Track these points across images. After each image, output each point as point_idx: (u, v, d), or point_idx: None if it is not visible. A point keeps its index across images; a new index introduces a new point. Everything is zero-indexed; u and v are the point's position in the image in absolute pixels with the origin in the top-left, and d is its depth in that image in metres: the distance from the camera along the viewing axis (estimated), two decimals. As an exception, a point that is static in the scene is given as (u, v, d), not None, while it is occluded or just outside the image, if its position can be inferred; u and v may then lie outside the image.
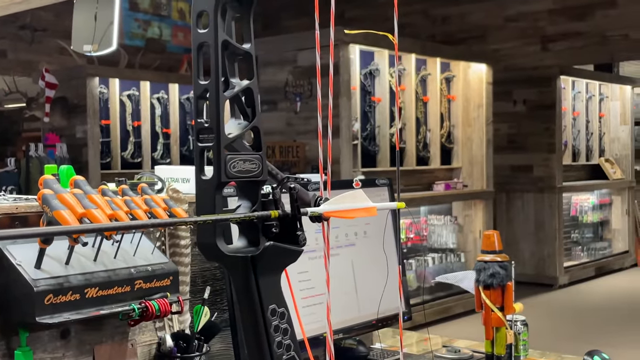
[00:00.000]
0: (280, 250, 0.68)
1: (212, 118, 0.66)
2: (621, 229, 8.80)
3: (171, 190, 1.60)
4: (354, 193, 0.74)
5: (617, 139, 8.98)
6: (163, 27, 8.57)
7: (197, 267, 1.68)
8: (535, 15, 8.08)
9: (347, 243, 1.87)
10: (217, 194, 0.66)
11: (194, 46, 0.67)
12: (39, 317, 1.24)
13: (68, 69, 6.60)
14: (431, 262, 6.35)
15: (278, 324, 0.67)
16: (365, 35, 5.59)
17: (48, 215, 1.25)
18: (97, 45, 5.65)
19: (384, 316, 1.90)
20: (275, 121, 6.07)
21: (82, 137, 6.34)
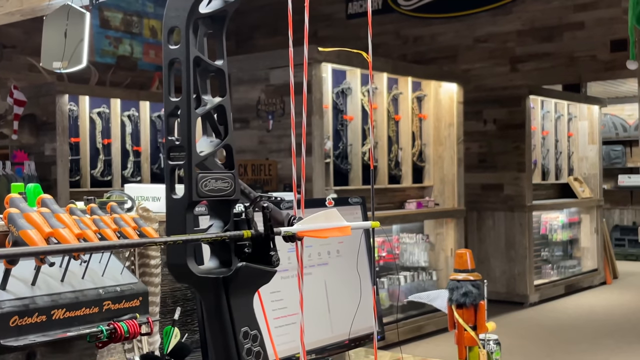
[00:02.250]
0: (253, 271, 0.66)
1: (183, 136, 0.64)
2: (590, 247, 8.90)
3: (141, 209, 1.57)
4: (328, 212, 0.73)
5: (586, 158, 9.11)
6: (134, 45, 8.53)
7: (167, 287, 1.65)
8: (505, 36, 8.20)
9: (320, 262, 1.86)
10: (188, 213, 0.64)
11: (165, 62, 0.66)
12: (4, 340, 1.20)
13: (37, 86, 6.52)
14: (403, 281, 6.35)
15: (250, 347, 0.66)
16: (338, 54, 5.61)
17: (14, 234, 1.22)
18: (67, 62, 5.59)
19: (357, 336, 1.89)
20: (248, 139, 6.05)
21: (51, 155, 6.26)
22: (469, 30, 8.37)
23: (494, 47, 8.25)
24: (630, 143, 11.73)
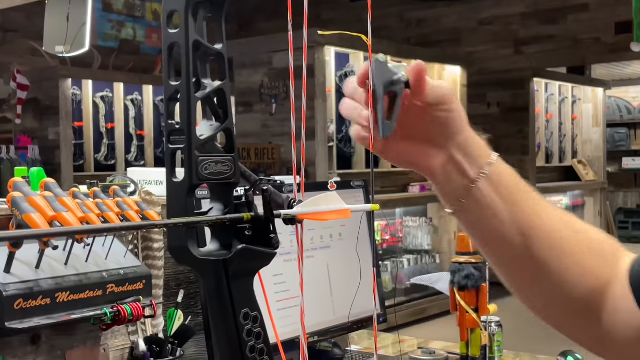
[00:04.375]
0: (253, 253, 0.67)
1: (183, 119, 0.65)
2: (594, 230, 8.89)
3: (144, 192, 1.58)
4: (328, 195, 0.74)
5: (590, 141, 9.08)
6: (137, 29, 8.51)
7: (170, 271, 1.66)
8: (509, 18, 8.15)
9: (322, 245, 1.87)
10: (188, 196, 0.65)
11: (164, 47, 0.66)
12: (9, 322, 1.21)
13: (40, 70, 6.52)
14: (406, 264, 6.37)
15: (251, 328, 0.67)
16: (341, 37, 5.59)
17: (18, 218, 1.23)
18: (70, 46, 5.59)
19: (359, 318, 1.90)
20: (251, 123, 6.05)
21: (54, 139, 6.27)
22: (472, 12, 8.32)
23: (497, 29, 8.20)
24: (635, 125, 11.70)
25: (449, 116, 0.84)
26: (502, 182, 0.86)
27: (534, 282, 0.87)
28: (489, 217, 0.85)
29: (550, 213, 0.86)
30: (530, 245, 0.84)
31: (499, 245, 0.87)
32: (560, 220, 0.87)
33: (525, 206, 0.85)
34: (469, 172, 0.85)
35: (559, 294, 0.86)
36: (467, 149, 0.85)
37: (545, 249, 0.84)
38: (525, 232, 0.84)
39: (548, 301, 0.88)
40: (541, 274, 0.85)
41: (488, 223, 0.85)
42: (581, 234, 0.87)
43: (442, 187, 0.87)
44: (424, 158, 0.86)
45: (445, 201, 0.88)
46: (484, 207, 0.85)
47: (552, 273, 0.85)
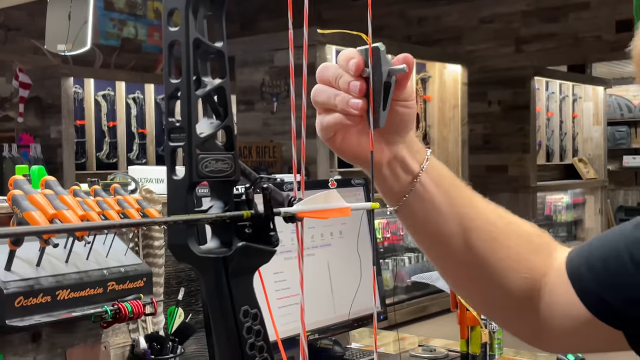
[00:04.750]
0: (252, 250, 0.67)
1: (184, 117, 0.65)
2: (594, 228, 8.89)
3: (144, 190, 1.58)
4: (328, 193, 0.74)
5: (590, 139, 9.08)
6: (139, 27, 8.51)
7: (171, 268, 1.66)
8: (509, 17, 8.15)
9: (323, 243, 1.87)
10: (188, 194, 0.65)
11: (165, 45, 0.66)
12: (9, 320, 1.22)
13: (42, 69, 6.52)
14: (407, 262, 6.36)
15: (251, 325, 0.67)
16: (342, 36, 5.59)
17: (18, 216, 1.23)
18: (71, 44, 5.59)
19: (359, 316, 1.90)
20: (252, 121, 6.05)
21: (56, 138, 6.27)
22: (473, 11, 8.31)
23: (498, 27, 8.20)
24: (635, 124, 11.67)
25: (409, 112, 0.86)
26: (440, 176, 0.88)
27: (473, 276, 0.90)
28: (430, 211, 0.87)
29: (484, 206, 0.90)
30: (468, 237, 0.87)
31: (439, 240, 0.89)
32: (493, 212, 0.90)
33: (461, 198, 0.88)
34: (412, 167, 0.87)
35: (496, 286, 0.88)
36: (410, 144, 0.88)
37: (481, 240, 0.87)
38: (462, 223, 0.87)
39: (487, 295, 0.91)
40: (478, 266, 0.88)
41: (429, 217, 0.88)
42: (513, 225, 0.90)
43: (385, 184, 0.89)
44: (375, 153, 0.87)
45: (388, 198, 0.90)
46: (425, 201, 0.87)
47: (488, 265, 0.87)
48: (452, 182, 0.89)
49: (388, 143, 0.87)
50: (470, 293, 0.94)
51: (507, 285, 0.88)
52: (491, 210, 0.90)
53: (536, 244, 0.90)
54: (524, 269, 0.88)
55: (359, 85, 0.81)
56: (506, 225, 0.89)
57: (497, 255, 0.87)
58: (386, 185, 0.88)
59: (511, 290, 0.88)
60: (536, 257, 0.89)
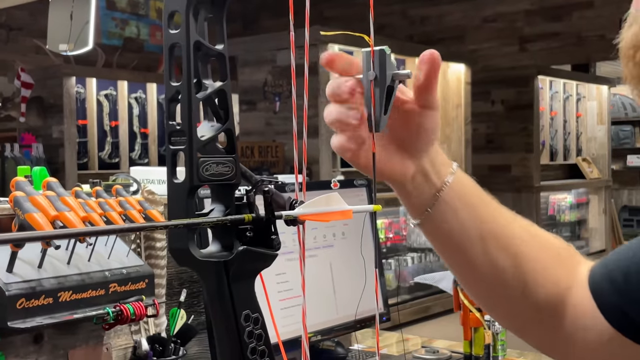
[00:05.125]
0: (254, 254, 0.67)
1: (184, 120, 0.64)
2: (598, 228, 8.88)
3: (146, 191, 1.58)
4: (330, 196, 0.73)
5: (594, 139, 9.06)
6: (141, 27, 8.50)
7: (173, 270, 1.66)
8: (513, 15, 8.13)
9: (325, 244, 1.86)
10: (189, 197, 0.64)
11: (165, 47, 0.66)
12: (11, 322, 1.21)
13: (44, 69, 6.52)
14: (410, 262, 6.36)
15: (252, 329, 0.66)
16: (344, 35, 5.57)
17: (20, 217, 1.23)
18: (73, 44, 5.59)
19: (362, 317, 1.90)
20: (254, 121, 6.04)
21: (58, 137, 6.27)
22: (476, 10, 8.30)
23: (502, 26, 8.18)
24: (640, 123, 11.66)
25: (433, 122, 0.84)
26: (464, 190, 0.87)
27: (497, 290, 0.88)
28: (453, 225, 0.86)
29: (509, 220, 0.88)
30: (492, 253, 0.85)
31: (462, 255, 0.87)
32: (519, 226, 0.88)
33: (485, 213, 0.86)
34: (435, 181, 0.85)
35: (521, 300, 0.86)
36: (433, 157, 0.86)
37: (506, 255, 0.85)
38: (486, 239, 0.85)
39: (511, 309, 0.89)
40: (502, 281, 0.86)
41: (452, 231, 0.86)
42: (539, 238, 0.89)
43: (409, 198, 0.87)
44: (399, 167, 0.86)
45: (412, 212, 0.88)
46: (449, 215, 0.85)
47: (512, 279, 0.85)
48: (478, 196, 0.87)
49: (412, 157, 0.85)
50: (494, 307, 0.92)
51: (532, 300, 0.86)
52: (517, 224, 0.88)
53: (562, 257, 0.89)
54: (549, 283, 0.86)
55: (349, 85, 0.80)
56: (532, 239, 0.88)
57: (522, 270, 0.85)
58: (409, 199, 0.87)
59: (536, 305, 0.86)
60: (561, 271, 0.88)
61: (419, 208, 0.87)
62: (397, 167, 0.86)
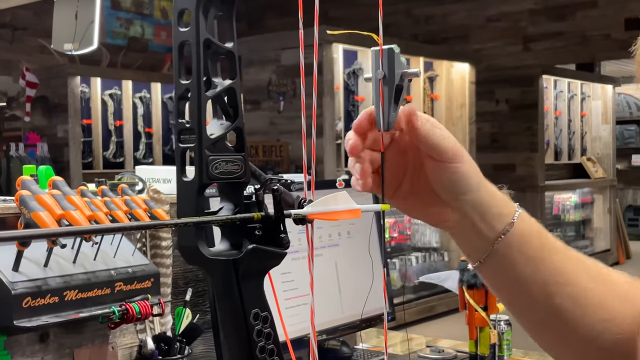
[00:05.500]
0: (263, 253, 0.66)
1: (194, 118, 0.64)
2: (603, 228, 8.86)
3: (152, 190, 1.58)
4: (338, 195, 0.73)
5: (599, 138, 9.04)
6: (145, 26, 8.51)
7: (178, 269, 1.66)
8: (517, 15, 8.12)
9: (331, 244, 1.86)
10: (198, 196, 0.64)
11: (175, 45, 0.66)
12: (17, 321, 1.21)
13: (49, 68, 6.53)
14: (414, 261, 6.35)
15: (261, 328, 0.66)
16: (349, 35, 5.58)
17: (26, 216, 1.23)
18: (78, 44, 5.60)
19: (367, 317, 1.89)
20: (259, 121, 6.04)
21: (63, 137, 6.28)
22: (481, 9, 8.29)
23: (506, 26, 8.18)
24: (644, 123, 11.63)
25: (451, 177, 0.80)
26: (524, 242, 0.81)
27: (562, 338, 0.84)
28: (511, 277, 0.82)
29: (574, 267, 0.83)
30: (555, 303, 0.81)
31: (523, 303, 0.84)
32: (585, 272, 0.83)
33: (549, 264, 0.81)
34: (487, 233, 0.81)
35: (588, 347, 0.83)
36: (482, 208, 0.81)
37: (571, 304, 0.81)
38: (549, 289, 0.81)
39: (579, 355, 0.85)
40: (568, 329, 0.82)
41: (510, 282, 0.82)
42: (606, 284, 0.84)
43: (459, 244, 0.85)
44: (433, 215, 0.83)
45: (466, 256, 0.85)
46: (505, 267, 0.81)
47: (579, 328, 0.82)
48: (540, 245, 0.82)
49: (447, 205, 0.81)
50: (560, 353, 0.88)
51: (600, 346, 0.83)
52: (583, 270, 0.83)
53: (629, 296, 0.85)
54: (618, 328, 0.82)
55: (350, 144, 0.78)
56: (598, 286, 0.83)
57: (589, 320, 0.82)
58: (460, 246, 0.85)
59: (604, 350, 0.83)
60: (630, 311, 0.83)
61: (471, 257, 0.84)
62: (430, 214, 0.83)
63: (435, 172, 0.80)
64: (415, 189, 0.83)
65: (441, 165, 0.80)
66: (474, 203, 0.81)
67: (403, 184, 0.83)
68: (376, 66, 0.81)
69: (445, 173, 0.80)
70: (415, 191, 0.83)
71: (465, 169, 0.80)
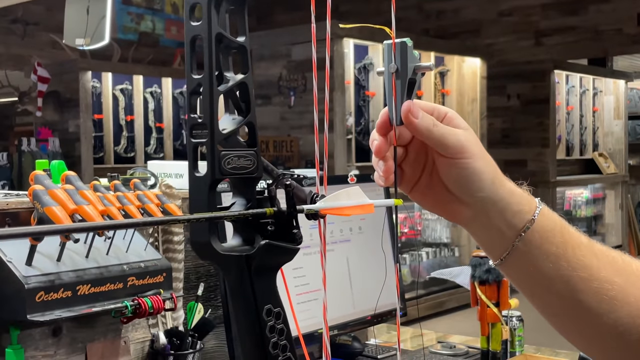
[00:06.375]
0: (275, 248, 0.66)
1: (206, 113, 0.64)
2: (614, 224, 8.81)
3: (164, 185, 1.58)
4: (350, 190, 0.73)
5: (611, 134, 8.99)
6: (156, 21, 8.52)
7: (190, 264, 1.66)
8: (529, 9, 8.07)
9: (342, 239, 1.86)
10: (211, 191, 0.64)
11: (187, 40, 0.66)
12: (30, 315, 1.22)
13: (60, 63, 6.55)
14: (425, 257, 6.35)
15: (274, 324, 0.66)
16: (359, 29, 5.56)
17: (39, 211, 1.23)
18: (90, 38, 5.62)
19: (379, 312, 1.89)
20: (269, 116, 6.04)
21: (74, 132, 6.30)
22: (492, 3, 8.24)
23: (518, 20, 8.13)
24: (657, 118, 11.54)
25: (460, 173, 0.78)
26: (545, 238, 0.79)
27: (588, 333, 0.82)
28: (533, 273, 0.80)
29: (599, 261, 0.80)
30: (579, 298, 0.79)
31: (546, 299, 0.82)
32: (610, 266, 0.81)
33: (572, 260, 0.79)
34: (506, 231, 0.79)
35: (615, 341, 0.81)
36: (500, 205, 0.79)
37: (596, 301, 0.79)
38: (572, 286, 0.79)
39: (605, 347, 0.83)
40: (594, 324, 0.81)
41: (532, 278, 0.81)
42: (632, 276, 0.82)
43: (478, 240, 0.83)
44: (449, 211, 0.82)
45: (486, 252, 0.84)
46: (527, 264, 0.80)
47: (605, 324, 0.80)
48: (563, 241, 0.80)
49: (463, 202, 0.80)
50: (586, 345, 0.86)
51: (628, 341, 0.81)
52: (608, 264, 0.80)
53: None
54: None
55: (375, 145, 0.80)
56: (624, 281, 0.80)
57: (616, 315, 0.79)
58: (480, 243, 0.83)
59: (633, 341, 0.81)
60: None
61: (491, 254, 0.82)
62: (446, 210, 0.83)
63: (444, 167, 0.80)
64: (431, 185, 0.82)
65: (449, 160, 0.79)
66: (491, 200, 0.79)
67: (422, 178, 0.83)
68: (389, 60, 0.80)
69: (453, 169, 0.79)
70: (432, 186, 0.82)
71: (475, 164, 0.78)
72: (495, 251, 0.82)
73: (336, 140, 5.50)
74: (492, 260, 0.83)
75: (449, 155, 0.78)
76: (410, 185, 0.84)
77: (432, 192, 0.83)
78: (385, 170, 0.80)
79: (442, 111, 0.82)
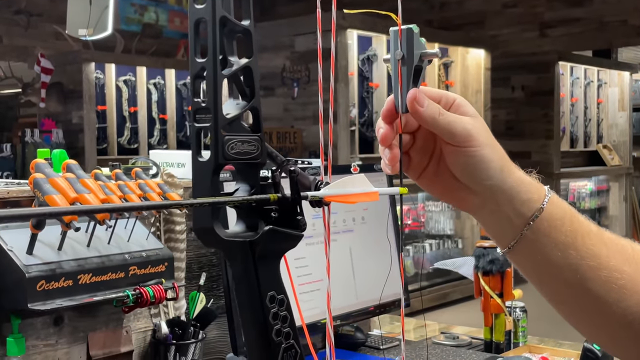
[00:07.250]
0: (279, 234, 0.65)
1: (210, 97, 0.63)
2: (619, 216, 8.79)
3: (166, 174, 1.57)
4: (355, 177, 0.72)
5: (616, 125, 8.96)
6: (159, 12, 8.49)
7: (192, 253, 1.65)
8: (533, 1, 8.03)
9: (345, 229, 1.85)
10: (214, 176, 0.63)
11: (190, 23, 0.64)
12: (31, 304, 1.21)
13: (64, 54, 6.54)
14: (428, 248, 6.34)
15: (277, 311, 0.65)
16: (363, 20, 5.54)
17: (40, 199, 1.22)
18: (93, 30, 5.60)
19: (382, 302, 1.89)
20: (273, 107, 6.03)
21: (78, 123, 6.29)
22: (497, -5, 8.21)
23: (522, 12, 8.08)
24: (662, 110, 11.50)
25: (467, 161, 0.77)
26: (554, 226, 0.79)
27: (596, 320, 0.82)
28: (541, 262, 0.79)
29: (608, 249, 0.79)
30: (588, 287, 0.79)
31: (555, 287, 0.82)
32: (620, 254, 0.80)
33: (581, 248, 0.78)
34: (514, 219, 0.79)
35: (625, 329, 0.81)
36: (509, 193, 0.79)
37: (605, 290, 0.78)
38: (581, 275, 0.78)
39: (614, 336, 0.83)
40: (603, 313, 0.80)
41: (540, 267, 0.80)
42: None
43: (486, 228, 0.83)
44: (457, 199, 0.82)
45: (494, 240, 0.84)
46: (535, 252, 0.79)
47: (614, 313, 0.79)
48: (572, 230, 0.79)
49: (471, 191, 0.80)
50: (596, 336, 0.87)
51: (637, 328, 0.80)
52: (617, 252, 0.80)
53: None
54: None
55: (381, 133, 0.79)
56: (634, 270, 0.79)
57: (625, 304, 0.79)
58: (488, 231, 0.83)
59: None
60: None
61: (499, 241, 0.82)
62: (454, 198, 0.82)
63: (450, 155, 0.79)
64: (439, 172, 0.82)
65: (455, 149, 0.78)
66: (499, 188, 0.78)
67: (429, 165, 0.82)
68: (395, 46, 0.79)
69: (460, 157, 0.78)
70: (440, 173, 0.82)
71: (482, 152, 0.77)
72: (503, 239, 0.81)
73: (340, 132, 5.48)
74: (500, 248, 0.83)
75: (456, 143, 0.77)
76: (418, 172, 0.83)
77: (440, 180, 0.82)
78: (391, 158, 0.79)
79: (450, 98, 0.81)
